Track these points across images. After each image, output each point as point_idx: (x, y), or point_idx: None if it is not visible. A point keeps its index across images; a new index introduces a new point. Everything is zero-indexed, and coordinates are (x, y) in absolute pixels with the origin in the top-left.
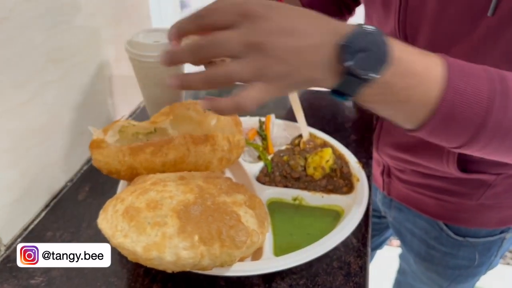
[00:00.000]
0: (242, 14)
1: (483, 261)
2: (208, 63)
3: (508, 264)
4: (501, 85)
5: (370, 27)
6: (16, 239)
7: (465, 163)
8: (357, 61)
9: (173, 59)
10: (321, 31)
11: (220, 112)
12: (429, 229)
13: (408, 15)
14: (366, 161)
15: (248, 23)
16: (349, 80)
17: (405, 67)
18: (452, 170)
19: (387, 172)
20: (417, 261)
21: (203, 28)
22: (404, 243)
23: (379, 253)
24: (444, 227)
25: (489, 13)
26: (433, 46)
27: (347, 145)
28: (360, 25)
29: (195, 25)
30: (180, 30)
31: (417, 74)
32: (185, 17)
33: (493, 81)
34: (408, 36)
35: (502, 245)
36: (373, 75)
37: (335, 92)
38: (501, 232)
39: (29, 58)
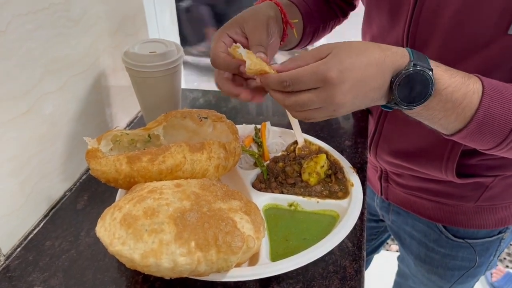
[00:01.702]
0: (320, 81)
1: (482, 261)
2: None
3: (507, 267)
4: None
5: (421, 63)
6: (15, 249)
7: (463, 168)
8: (404, 98)
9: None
10: (382, 73)
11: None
12: (428, 232)
13: (420, 27)
14: (360, 166)
15: (326, 88)
16: (394, 106)
17: (446, 97)
18: (450, 177)
19: (384, 177)
20: (417, 264)
21: (285, 91)
22: (403, 246)
23: (377, 257)
24: (443, 229)
25: (510, 31)
26: (441, 60)
27: (341, 151)
28: (412, 61)
29: (280, 89)
30: (265, 85)
31: (456, 101)
32: (271, 78)
33: None
34: (416, 47)
35: (500, 245)
36: (417, 106)
37: (385, 107)
38: (499, 233)
39: (28, 70)
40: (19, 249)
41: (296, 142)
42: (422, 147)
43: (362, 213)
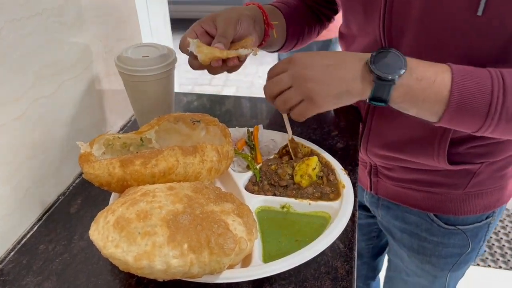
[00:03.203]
0: (286, 62)
1: (473, 247)
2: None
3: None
4: (498, 79)
5: (388, 48)
6: (9, 253)
7: (452, 157)
8: (381, 69)
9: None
10: (351, 60)
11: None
12: (419, 222)
13: (393, 19)
14: (351, 168)
15: (293, 65)
16: (379, 85)
17: (419, 73)
18: (442, 164)
19: (374, 172)
20: (411, 255)
21: (268, 79)
22: (395, 240)
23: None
24: (435, 218)
25: (479, 12)
26: (418, 48)
27: (333, 153)
28: (379, 48)
29: (269, 79)
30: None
31: (429, 78)
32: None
33: (492, 78)
34: (393, 39)
35: (488, 230)
36: (396, 76)
37: (372, 99)
38: (487, 218)
39: (21, 75)
40: (12, 253)
41: (287, 145)
42: (413, 136)
43: (353, 215)
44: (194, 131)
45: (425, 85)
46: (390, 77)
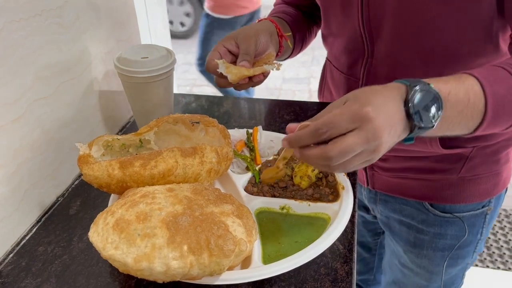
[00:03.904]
0: (358, 120)
1: (470, 239)
2: None
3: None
4: None
5: (418, 83)
6: (8, 255)
7: (446, 141)
8: (421, 120)
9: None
10: (398, 105)
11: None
12: (415, 214)
13: (371, 10)
14: None
15: (365, 125)
16: (419, 131)
17: (453, 100)
18: (435, 149)
19: (369, 165)
20: (407, 250)
21: (322, 140)
22: (392, 234)
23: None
24: (430, 208)
25: None
26: (398, 36)
27: None
28: (409, 84)
29: (315, 140)
30: (298, 143)
31: (463, 99)
32: (301, 133)
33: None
34: (372, 30)
35: (485, 221)
36: (435, 122)
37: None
38: (483, 207)
39: (20, 76)
40: (11, 255)
41: None
42: None
43: (352, 216)
44: (193, 133)
45: (461, 108)
46: (430, 125)
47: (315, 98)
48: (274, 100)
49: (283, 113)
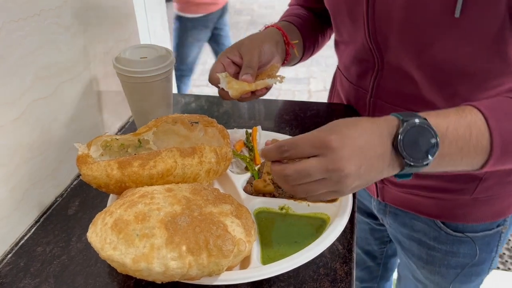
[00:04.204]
0: (319, 147)
1: (484, 257)
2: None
3: (509, 269)
4: None
5: (411, 117)
6: (6, 255)
7: None
8: (413, 155)
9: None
10: (381, 140)
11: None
12: (427, 230)
13: (377, 23)
14: None
15: (326, 153)
16: (410, 169)
17: (452, 136)
18: None
19: None
20: (420, 266)
21: (284, 158)
22: (404, 249)
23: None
24: (442, 226)
25: (456, 14)
26: (405, 51)
27: None
28: (402, 119)
29: (278, 156)
30: (266, 157)
31: (464, 135)
32: (269, 147)
33: None
34: (380, 43)
35: (500, 239)
36: (429, 160)
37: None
38: (498, 226)
39: (19, 77)
40: (10, 255)
41: None
42: None
43: (352, 216)
44: (192, 133)
45: (461, 145)
46: (424, 162)
47: (314, 98)
48: (274, 100)
49: (282, 113)
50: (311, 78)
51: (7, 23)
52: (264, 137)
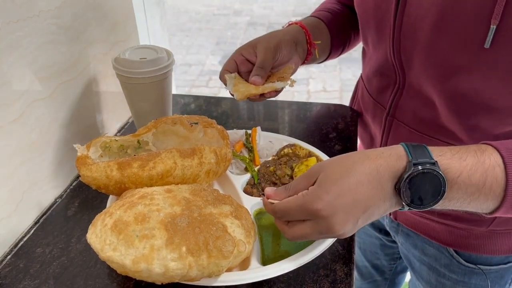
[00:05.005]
0: (309, 215)
1: None
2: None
3: None
4: None
5: (422, 159)
6: (6, 256)
7: None
8: (413, 202)
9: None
10: (380, 190)
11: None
12: (438, 256)
13: (402, 40)
14: None
15: (318, 220)
16: (411, 209)
17: (464, 183)
18: None
19: None
20: None
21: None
22: (413, 270)
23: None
24: (454, 254)
25: (486, 45)
26: (429, 74)
27: (331, 156)
28: (411, 160)
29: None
30: (266, 210)
31: (477, 182)
32: (266, 208)
33: None
34: (403, 61)
35: None
36: (431, 206)
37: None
38: None
39: (18, 77)
40: (9, 256)
41: (286, 147)
42: None
43: None
44: (192, 133)
45: (472, 191)
46: (425, 207)
47: (313, 99)
48: (273, 101)
49: (282, 114)
50: (310, 78)
51: (6, 24)
52: (263, 138)
